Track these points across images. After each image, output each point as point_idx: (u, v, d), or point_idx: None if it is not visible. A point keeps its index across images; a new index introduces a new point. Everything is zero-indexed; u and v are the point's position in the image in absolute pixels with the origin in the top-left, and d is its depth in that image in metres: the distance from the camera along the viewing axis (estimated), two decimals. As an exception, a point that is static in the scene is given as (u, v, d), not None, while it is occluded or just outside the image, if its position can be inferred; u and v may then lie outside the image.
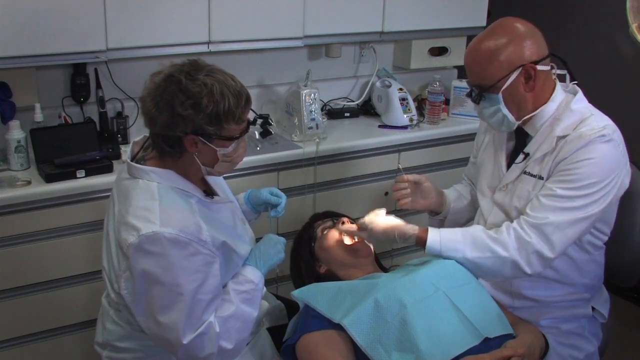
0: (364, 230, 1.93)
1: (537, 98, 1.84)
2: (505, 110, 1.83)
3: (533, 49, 1.79)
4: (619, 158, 1.80)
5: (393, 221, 1.93)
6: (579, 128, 1.80)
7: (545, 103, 1.85)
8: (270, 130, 2.76)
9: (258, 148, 2.66)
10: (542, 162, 1.86)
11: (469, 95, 1.91)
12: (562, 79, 1.93)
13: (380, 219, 1.94)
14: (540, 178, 1.85)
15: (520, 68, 1.78)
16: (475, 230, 1.85)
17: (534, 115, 1.87)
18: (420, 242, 1.86)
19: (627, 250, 2.01)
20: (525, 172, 1.89)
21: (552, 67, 1.85)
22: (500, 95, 1.81)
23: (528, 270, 1.78)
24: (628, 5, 3.23)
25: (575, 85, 1.91)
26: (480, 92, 1.84)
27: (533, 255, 1.77)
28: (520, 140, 1.96)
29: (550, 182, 1.80)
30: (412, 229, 1.89)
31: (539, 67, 1.79)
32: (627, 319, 3.26)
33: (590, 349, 1.97)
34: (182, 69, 1.58)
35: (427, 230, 1.86)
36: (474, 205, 2.19)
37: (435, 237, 1.84)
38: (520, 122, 1.86)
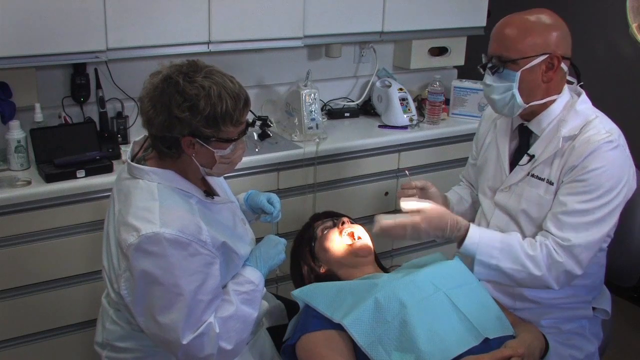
0: (416, 212, 1.86)
1: (547, 91, 1.84)
2: (516, 91, 1.82)
3: (564, 44, 1.81)
4: (626, 162, 1.82)
5: (445, 210, 1.91)
6: (585, 130, 1.81)
7: (552, 99, 1.85)
8: (269, 132, 2.76)
9: (257, 149, 2.66)
10: (550, 165, 1.85)
11: (484, 66, 1.88)
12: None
13: (432, 204, 1.91)
14: (550, 183, 1.85)
15: (547, 55, 1.78)
16: (513, 240, 1.83)
17: (540, 113, 1.87)
18: (460, 238, 1.85)
19: (627, 250, 2.00)
20: (532, 175, 1.89)
21: (567, 72, 1.86)
22: (518, 73, 1.80)
23: (556, 287, 1.81)
24: (628, 5, 3.24)
25: (579, 87, 1.91)
26: (500, 64, 1.82)
27: (562, 274, 1.79)
28: (523, 140, 1.96)
29: (565, 195, 1.80)
30: (464, 220, 1.87)
31: (561, 64, 1.80)
32: (627, 319, 3.26)
33: (590, 349, 1.97)
34: (181, 70, 1.57)
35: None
36: (474, 208, 2.19)
37: (474, 238, 1.83)
38: (526, 105, 1.84)
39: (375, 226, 1.87)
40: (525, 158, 1.91)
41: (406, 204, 1.88)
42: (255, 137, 2.73)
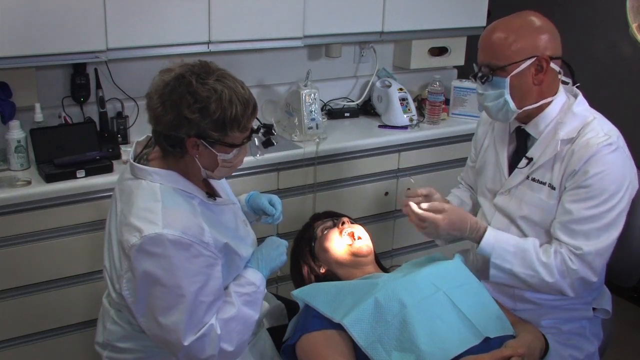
0: (440, 211, 1.87)
1: (541, 93, 1.84)
2: (508, 97, 1.82)
3: (551, 45, 1.81)
4: (626, 163, 1.82)
5: (466, 212, 1.94)
6: (583, 133, 1.80)
7: (547, 102, 1.85)
8: (273, 141, 2.74)
9: (258, 156, 2.65)
10: (551, 169, 1.85)
11: (475, 75, 1.88)
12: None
13: (454, 206, 1.94)
14: (552, 187, 1.85)
15: (535, 58, 1.78)
16: (528, 246, 1.83)
17: (537, 116, 1.87)
18: (477, 240, 1.87)
19: (627, 250, 2.00)
20: (533, 179, 1.89)
21: (560, 72, 1.85)
22: (507, 79, 1.80)
23: (571, 293, 1.82)
24: (628, 5, 3.23)
25: (575, 88, 1.91)
26: (489, 72, 1.83)
27: (577, 281, 1.80)
28: (521, 143, 1.96)
29: (570, 203, 1.80)
30: (484, 222, 1.90)
31: (551, 64, 1.80)
32: (627, 319, 3.26)
33: (590, 349, 1.97)
34: (193, 70, 1.57)
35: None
36: (475, 211, 2.18)
37: (490, 240, 1.85)
38: (520, 111, 1.84)
39: (404, 201, 1.95)
40: (524, 161, 1.91)
41: (428, 206, 1.90)
42: (257, 143, 2.72)
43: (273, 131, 2.69)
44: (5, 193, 2.23)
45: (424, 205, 1.90)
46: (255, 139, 2.70)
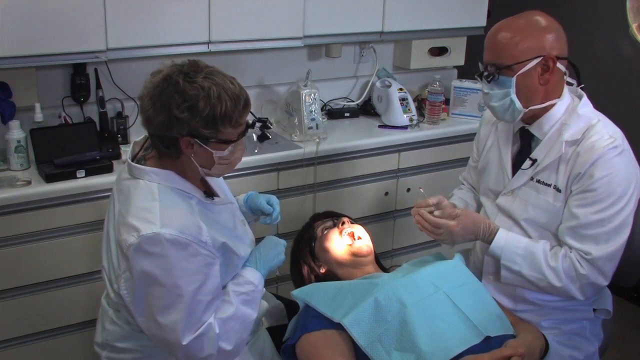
0: (453, 217, 1.89)
1: (547, 94, 1.84)
2: (514, 96, 1.82)
3: (557, 45, 1.80)
4: (632, 165, 1.82)
5: (478, 215, 1.96)
6: (588, 135, 1.80)
7: (553, 102, 1.85)
8: (268, 134, 2.75)
9: (256, 151, 2.66)
10: (556, 171, 1.85)
11: (480, 74, 1.88)
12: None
13: (466, 210, 1.96)
14: (557, 190, 1.84)
15: (541, 58, 1.78)
16: (537, 249, 1.84)
17: (541, 117, 1.86)
18: (490, 242, 1.88)
19: (627, 250, 2.00)
20: (538, 181, 1.88)
21: (566, 73, 1.85)
22: (514, 79, 1.80)
23: (581, 297, 1.83)
24: (628, 5, 3.24)
25: (580, 89, 1.91)
26: (495, 71, 1.82)
27: (587, 286, 1.81)
28: (524, 143, 1.95)
29: (577, 207, 1.80)
30: (496, 225, 1.91)
31: (557, 64, 1.80)
32: (627, 319, 3.26)
33: (590, 349, 1.97)
34: (181, 70, 1.57)
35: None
36: (479, 211, 2.18)
37: (500, 242, 1.86)
38: (526, 110, 1.84)
39: (414, 211, 1.95)
40: (528, 162, 1.91)
41: (440, 213, 1.91)
42: (255, 139, 2.73)
43: (268, 124, 2.70)
44: (5, 193, 2.23)
45: (437, 212, 1.91)
46: (254, 134, 2.72)
